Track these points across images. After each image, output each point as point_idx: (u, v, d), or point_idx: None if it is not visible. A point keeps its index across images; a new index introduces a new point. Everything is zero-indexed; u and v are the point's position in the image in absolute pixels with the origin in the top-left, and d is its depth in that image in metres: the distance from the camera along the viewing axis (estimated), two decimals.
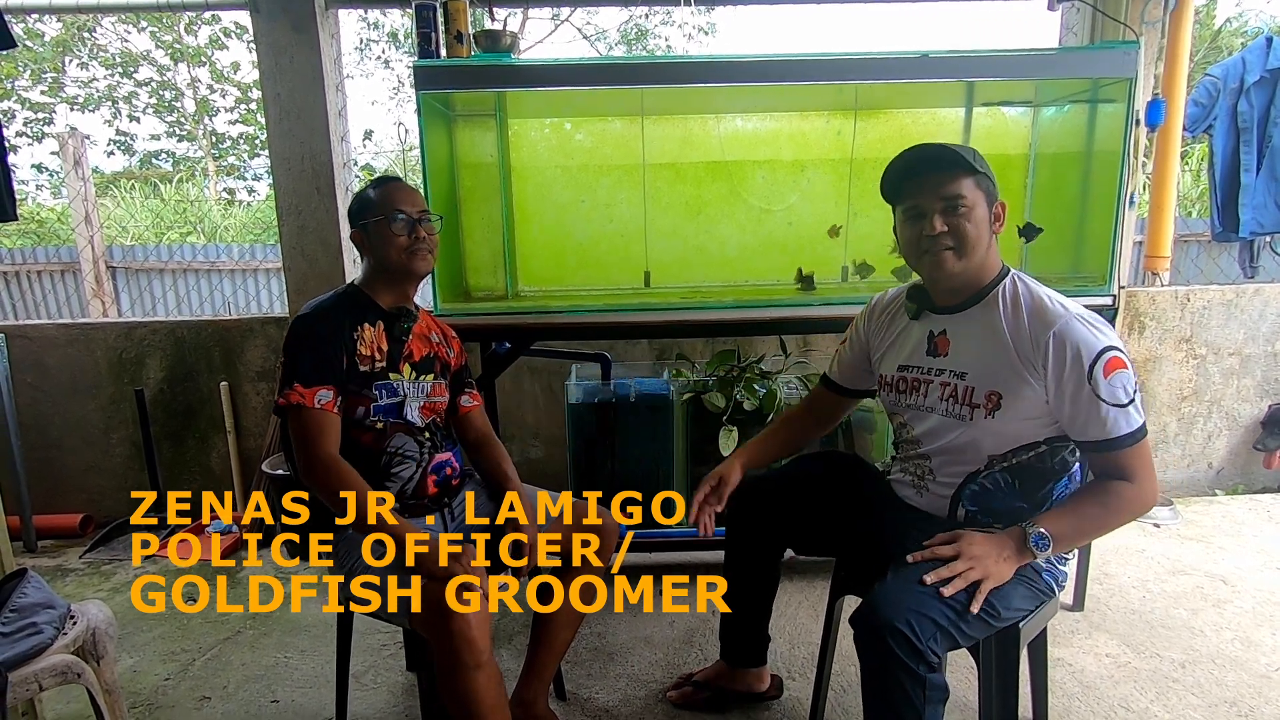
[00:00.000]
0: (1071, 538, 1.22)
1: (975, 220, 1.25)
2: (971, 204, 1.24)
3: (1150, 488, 1.21)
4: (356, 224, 1.49)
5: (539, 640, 1.56)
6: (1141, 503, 1.22)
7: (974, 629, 1.17)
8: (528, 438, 2.92)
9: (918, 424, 1.38)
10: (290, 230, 2.75)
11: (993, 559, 1.18)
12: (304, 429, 1.34)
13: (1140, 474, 1.21)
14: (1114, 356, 1.18)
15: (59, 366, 2.81)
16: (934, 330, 1.36)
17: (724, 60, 1.93)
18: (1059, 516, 1.22)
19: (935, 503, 1.37)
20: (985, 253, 1.27)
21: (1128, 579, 2.30)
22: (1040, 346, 1.21)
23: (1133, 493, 1.20)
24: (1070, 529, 1.21)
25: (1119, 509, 1.21)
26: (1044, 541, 1.19)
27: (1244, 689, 1.74)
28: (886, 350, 1.45)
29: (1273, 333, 2.92)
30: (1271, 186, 2.95)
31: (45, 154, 10.15)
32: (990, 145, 2.35)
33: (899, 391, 1.40)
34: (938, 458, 1.35)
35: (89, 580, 2.44)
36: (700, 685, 1.71)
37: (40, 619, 1.28)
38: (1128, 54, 1.89)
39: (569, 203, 2.36)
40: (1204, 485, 3.03)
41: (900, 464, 1.46)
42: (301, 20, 2.60)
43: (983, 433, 1.28)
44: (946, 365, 1.33)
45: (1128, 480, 1.21)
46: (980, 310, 1.30)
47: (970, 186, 1.24)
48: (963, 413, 1.29)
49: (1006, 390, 1.24)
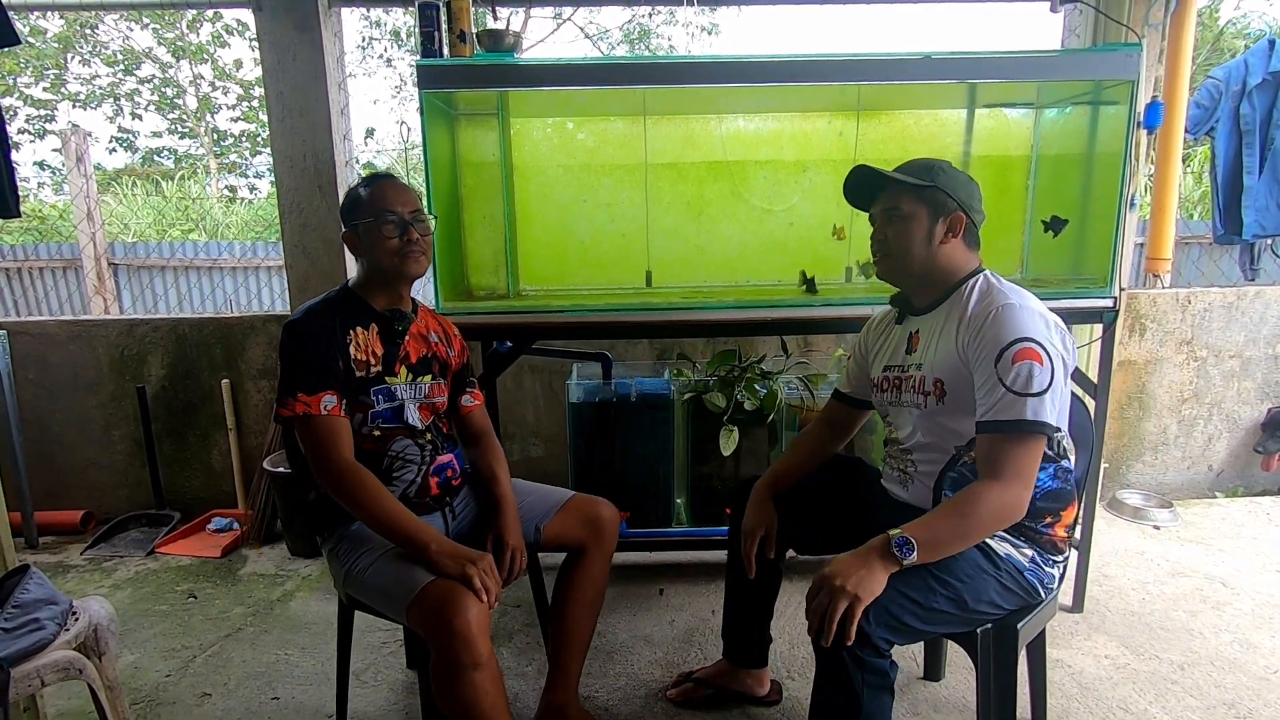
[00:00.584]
0: (933, 545, 1.17)
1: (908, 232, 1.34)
2: (907, 215, 1.34)
3: (1015, 492, 1.18)
4: (348, 224, 1.45)
5: (558, 640, 1.56)
6: (1003, 508, 1.18)
7: (939, 614, 1.19)
8: (528, 436, 2.93)
9: (898, 422, 1.44)
10: (292, 228, 2.75)
11: (855, 573, 1.14)
12: (316, 438, 1.33)
13: (1009, 473, 1.18)
14: (1028, 346, 1.20)
15: (61, 363, 2.81)
16: (911, 331, 1.43)
17: (726, 60, 1.93)
18: (921, 523, 1.19)
19: (921, 493, 1.39)
20: (929, 259, 1.35)
21: (1127, 581, 2.30)
22: (973, 330, 1.27)
23: (994, 497, 1.17)
24: (931, 536, 1.17)
25: (979, 514, 1.18)
26: (907, 546, 1.15)
27: (1243, 691, 1.75)
28: (877, 355, 1.52)
29: (1273, 335, 2.92)
30: (1274, 189, 2.95)
31: (47, 151, 10.16)
32: (992, 146, 2.35)
33: (883, 391, 1.47)
34: (917, 452, 1.40)
35: (90, 576, 2.45)
36: (701, 683, 1.72)
37: (42, 615, 1.28)
38: (1130, 56, 1.89)
39: (571, 202, 2.37)
40: (1204, 487, 3.03)
41: (888, 462, 1.50)
42: (304, 18, 2.61)
43: (937, 422, 1.33)
44: (914, 360, 1.39)
45: (996, 479, 1.18)
46: (946, 307, 1.37)
47: (909, 200, 1.34)
48: (918, 401, 1.35)
49: (947, 377, 1.30)
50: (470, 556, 1.27)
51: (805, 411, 2.22)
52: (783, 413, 2.20)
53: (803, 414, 2.22)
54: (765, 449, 2.25)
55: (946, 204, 1.34)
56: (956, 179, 1.35)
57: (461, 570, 1.24)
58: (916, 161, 1.39)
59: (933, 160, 1.38)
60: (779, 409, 2.17)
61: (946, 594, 1.19)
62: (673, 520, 2.33)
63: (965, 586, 1.21)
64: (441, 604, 1.20)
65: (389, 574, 1.31)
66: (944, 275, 1.37)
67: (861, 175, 1.41)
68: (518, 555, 1.43)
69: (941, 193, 1.33)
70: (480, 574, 1.24)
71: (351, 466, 1.33)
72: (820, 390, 2.19)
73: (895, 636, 1.16)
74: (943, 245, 1.35)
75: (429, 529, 1.32)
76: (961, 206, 1.34)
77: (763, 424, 2.18)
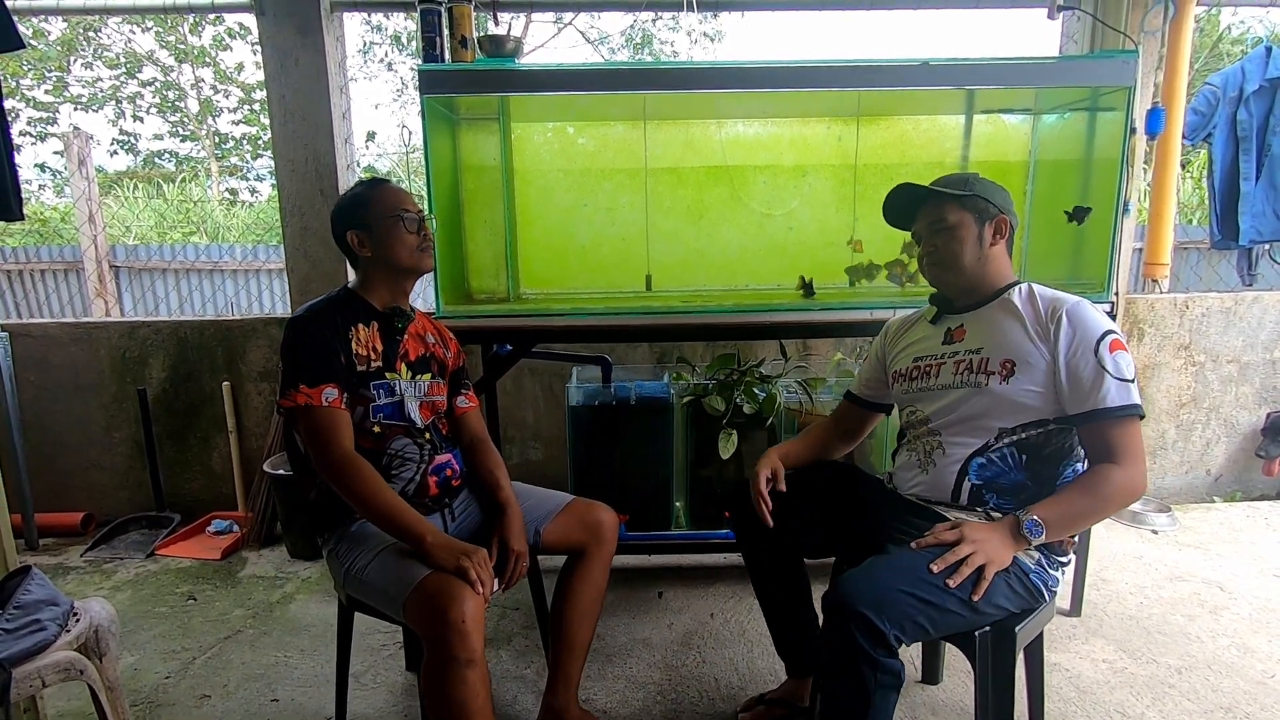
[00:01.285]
0: (1064, 524, 1.25)
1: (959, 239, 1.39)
2: (954, 224, 1.39)
3: (1139, 471, 1.25)
4: (355, 224, 1.46)
5: (558, 643, 1.56)
6: (1130, 487, 1.25)
7: (950, 615, 1.20)
8: (528, 439, 2.93)
9: (929, 404, 1.43)
10: (294, 231, 2.76)
11: (993, 543, 1.23)
12: (317, 428, 1.35)
13: (1130, 455, 1.25)
14: (1117, 338, 1.28)
15: (62, 365, 2.82)
16: (951, 326, 1.45)
17: (725, 66, 1.94)
18: (1050, 504, 1.26)
19: (940, 478, 1.38)
20: (980, 263, 1.40)
21: (1125, 585, 2.30)
22: (1055, 319, 1.30)
23: (1121, 477, 1.24)
24: (1061, 515, 1.25)
25: (1108, 494, 1.25)
26: (1037, 528, 1.23)
27: (1239, 695, 1.75)
28: (901, 352, 1.54)
29: (1271, 340, 2.93)
30: (1270, 195, 2.96)
31: (49, 153, 10.18)
32: (990, 152, 2.37)
33: (911, 380, 1.47)
34: (947, 431, 1.39)
35: (90, 578, 2.45)
36: (774, 704, 1.66)
37: (44, 616, 1.29)
38: (1127, 63, 1.90)
39: (571, 206, 2.38)
40: (1202, 492, 3.04)
41: (906, 448, 1.49)
42: (306, 23, 2.62)
43: (994, 400, 1.33)
44: (962, 347, 1.41)
45: (1117, 463, 1.25)
46: (998, 305, 1.40)
47: (954, 210, 1.39)
48: (977, 380, 1.36)
49: (1019, 358, 1.32)
50: (465, 550, 1.28)
51: (804, 415, 2.22)
52: (781, 416, 2.21)
53: (801, 417, 2.23)
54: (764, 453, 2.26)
55: (988, 209, 1.38)
56: (990, 187, 1.40)
57: (456, 563, 1.25)
58: (950, 176, 1.44)
59: (964, 173, 1.43)
60: (778, 412, 2.17)
61: (958, 595, 1.19)
62: (672, 523, 2.33)
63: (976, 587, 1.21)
64: (437, 596, 1.21)
65: (387, 572, 1.31)
66: (993, 279, 1.41)
67: (902, 194, 1.45)
68: (521, 560, 1.44)
69: (982, 199, 1.38)
70: (475, 566, 1.25)
71: (351, 457, 1.34)
72: (819, 394, 2.20)
73: (905, 636, 1.16)
74: (992, 248, 1.39)
75: (426, 522, 1.33)
76: (1001, 209, 1.39)
77: (762, 427, 2.18)
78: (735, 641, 2.01)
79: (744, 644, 2.00)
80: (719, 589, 2.30)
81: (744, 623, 2.10)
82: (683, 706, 1.74)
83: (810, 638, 1.61)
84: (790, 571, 1.60)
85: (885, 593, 1.15)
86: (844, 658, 1.14)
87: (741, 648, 1.98)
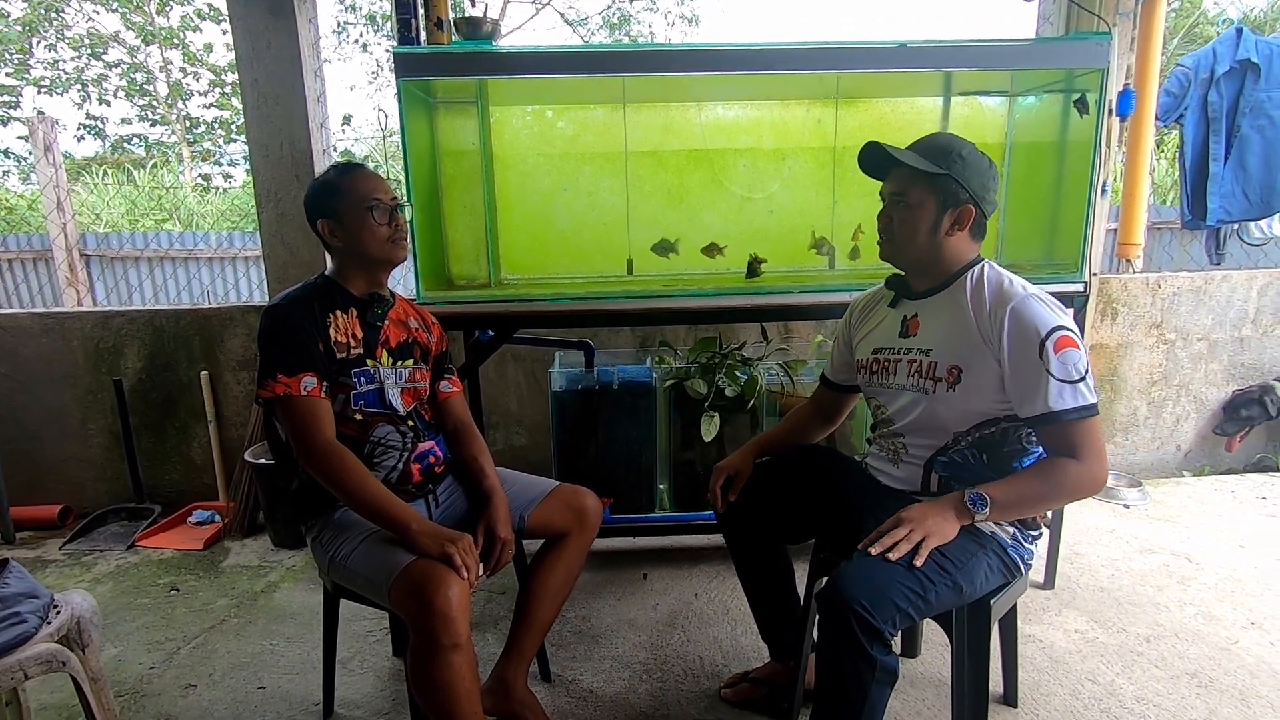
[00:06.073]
0: (1012, 505, 1.26)
1: (913, 221, 1.33)
2: (914, 204, 1.33)
3: (1097, 467, 1.24)
4: (326, 213, 1.44)
5: (520, 618, 1.58)
6: (1088, 480, 1.24)
7: (937, 601, 1.21)
8: (511, 425, 2.93)
9: (890, 403, 1.44)
10: (270, 218, 2.72)
11: (931, 518, 1.23)
12: (296, 418, 1.34)
13: (1087, 452, 1.23)
14: (1064, 335, 1.24)
15: (34, 357, 2.77)
16: (907, 315, 1.43)
17: (705, 49, 1.93)
18: (1003, 484, 1.27)
19: (910, 473, 1.41)
20: (933, 248, 1.35)
21: (1097, 558, 2.37)
22: (997, 322, 1.27)
23: (1078, 470, 1.23)
24: (1011, 497, 1.25)
25: (1062, 484, 1.25)
26: (981, 502, 1.24)
27: (1204, 661, 1.82)
28: (864, 338, 1.52)
29: (1239, 318, 3.00)
30: (1240, 175, 3.02)
31: (13, 138, 9.90)
32: (968, 134, 2.32)
33: (872, 373, 1.47)
34: (909, 434, 1.41)
35: (70, 571, 2.43)
36: (757, 683, 1.69)
37: (24, 608, 1.28)
38: (1100, 45, 1.92)
39: (551, 190, 2.36)
40: (1172, 467, 3.12)
41: (876, 443, 1.51)
42: (279, 4, 2.56)
43: (945, 406, 1.33)
44: (914, 344, 1.39)
45: (1075, 458, 1.24)
46: (949, 294, 1.37)
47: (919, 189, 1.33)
48: (925, 386, 1.35)
49: (966, 365, 1.30)
50: (450, 536, 1.28)
51: (785, 397, 2.25)
52: (763, 399, 2.23)
53: (783, 399, 2.25)
54: (746, 435, 2.28)
55: (958, 195, 1.31)
56: (974, 166, 1.32)
57: (441, 549, 1.25)
58: (937, 140, 1.35)
59: (954, 141, 1.34)
60: (759, 395, 2.19)
61: (944, 581, 1.21)
62: (656, 506, 2.36)
63: (960, 571, 1.23)
64: (422, 582, 1.21)
65: (372, 558, 1.32)
66: (945, 265, 1.37)
67: (874, 153, 1.39)
68: (507, 548, 1.44)
69: (954, 182, 1.30)
70: (460, 552, 1.25)
71: (333, 446, 1.34)
72: (800, 376, 2.22)
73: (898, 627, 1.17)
74: (948, 237, 1.34)
75: (410, 510, 1.33)
76: (974, 198, 1.32)
77: (744, 410, 2.21)
78: (719, 620, 2.05)
79: (728, 623, 2.03)
80: (703, 569, 2.33)
81: (728, 602, 2.13)
82: (668, 684, 1.77)
83: (793, 620, 1.64)
84: (772, 557, 1.62)
85: (881, 587, 1.15)
86: (842, 657, 1.14)
87: (725, 627, 2.02)
